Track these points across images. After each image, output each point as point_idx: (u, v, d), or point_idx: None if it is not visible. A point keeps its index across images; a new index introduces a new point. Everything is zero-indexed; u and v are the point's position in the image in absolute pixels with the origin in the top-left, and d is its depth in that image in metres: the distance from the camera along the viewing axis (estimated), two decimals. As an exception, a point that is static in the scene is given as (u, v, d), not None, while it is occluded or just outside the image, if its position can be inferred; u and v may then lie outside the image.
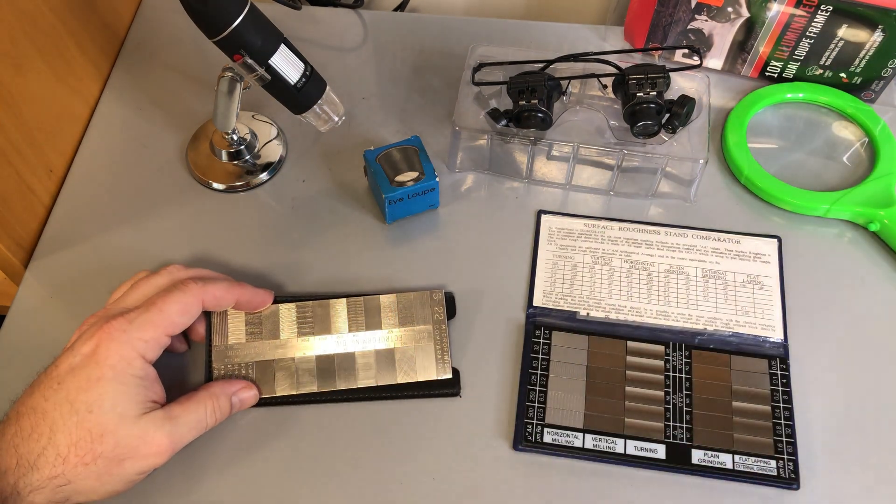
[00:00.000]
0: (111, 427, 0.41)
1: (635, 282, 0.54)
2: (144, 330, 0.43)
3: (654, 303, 0.53)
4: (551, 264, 0.55)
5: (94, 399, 0.41)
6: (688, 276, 0.54)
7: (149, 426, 0.42)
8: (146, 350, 0.43)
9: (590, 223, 0.57)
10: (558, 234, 0.56)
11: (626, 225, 0.57)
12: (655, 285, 0.54)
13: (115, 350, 0.42)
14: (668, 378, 0.50)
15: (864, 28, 0.57)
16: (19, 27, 0.53)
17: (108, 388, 0.41)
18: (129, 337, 0.43)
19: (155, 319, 0.44)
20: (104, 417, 0.41)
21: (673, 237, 0.56)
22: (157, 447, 0.42)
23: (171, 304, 0.45)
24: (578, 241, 0.56)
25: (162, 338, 0.44)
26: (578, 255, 0.55)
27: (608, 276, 0.54)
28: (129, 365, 0.42)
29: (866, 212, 0.56)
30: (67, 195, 0.59)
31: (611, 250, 0.56)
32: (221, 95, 0.54)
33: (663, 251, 0.55)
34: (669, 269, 0.55)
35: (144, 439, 0.42)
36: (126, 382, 0.42)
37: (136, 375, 0.42)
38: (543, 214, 0.57)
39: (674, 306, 0.53)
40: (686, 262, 0.55)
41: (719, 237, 0.56)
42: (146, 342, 0.43)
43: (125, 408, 0.42)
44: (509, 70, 0.58)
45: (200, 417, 0.45)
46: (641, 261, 0.55)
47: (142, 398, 0.42)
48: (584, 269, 0.55)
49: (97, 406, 0.41)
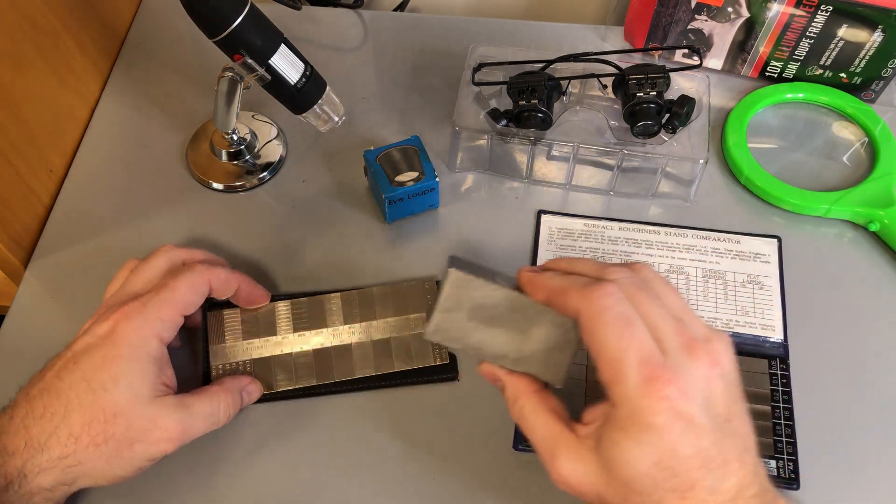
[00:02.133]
0: (125, 407, 0.41)
1: None
2: (161, 309, 0.43)
3: None
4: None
5: (110, 377, 0.41)
6: (688, 276, 0.54)
7: (161, 410, 0.42)
8: (162, 329, 0.43)
9: (590, 223, 0.57)
10: (558, 234, 0.56)
11: (626, 225, 0.57)
12: None
13: (132, 329, 0.42)
14: None
15: (864, 28, 0.57)
16: (19, 27, 0.54)
17: (125, 367, 0.41)
18: (147, 316, 0.43)
19: (169, 298, 0.44)
20: (119, 396, 0.41)
21: (673, 237, 0.56)
22: (168, 432, 0.42)
23: (182, 283, 0.45)
24: (578, 241, 0.56)
25: (177, 317, 0.44)
26: (578, 255, 0.55)
27: None
28: (145, 343, 0.42)
29: (866, 212, 0.56)
30: (67, 195, 0.59)
31: (611, 250, 0.55)
32: (221, 95, 0.54)
33: (663, 251, 0.55)
34: (669, 269, 0.55)
35: (156, 423, 0.41)
36: (142, 361, 0.42)
37: (151, 355, 0.42)
38: (543, 214, 0.57)
39: None
40: (686, 262, 0.55)
41: (719, 237, 0.56)
42: (163, 321, 0.43)
43: (139, 388, 0.41)
44: (509, 70, 0.58)
45: (213, 410, 0.45)
46: (641, 261, 0.55)
47: (155, 380, 0.42)
48: None
49: (112, 384, 0.41)
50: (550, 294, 0.40)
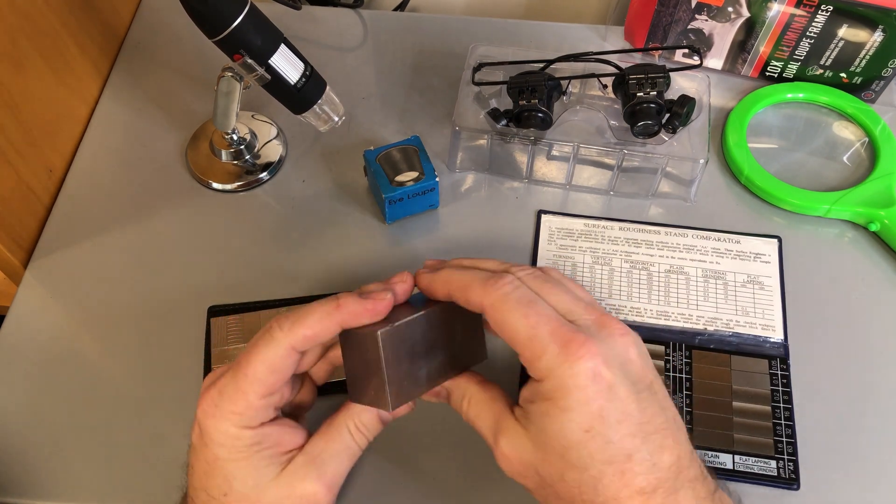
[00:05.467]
0: (253, 500, 0.37)
1: (635, 282, 0.54)
2: (235, 402, 0.37)
3: (654, 303, 0.53)
4: (551, 264, 0.55)
5: (222, 482, 0.37)
6: (688, 276, 0.54)
7: (292, 479, 0.38)
8: (246, 421, 0.37)
9: (590, 223, 0.57)
10: (558, 234, 0.56)
11: (627, 225, 0.57)
12: (656, 285, 0.54)
13: (214, 428, 0.37)
14: (668, 378, 0.50)
15: (864, 28, 0.57)
16: (19, 27, 0.53)
17: (230, 467, 0.37)
18: (222, 412, 0.37)
19: (242, 387, 0.37)
20: (242, 496, 0.37)
21: (673, 237, 0.56)
22: (311, 497, 0.38)
23: (257, 363, 0.37)
24: (579, 240, 0.56)
25: (257, 402, 0.37)
26: (578, 254, 0.55)
27: (608, 276, 0.54)
28: (236, 440, 0.37)
29: (867, 212, 0.56)
30: (67, 195, 0.59)
31: (611, 250, 0.55)
32: (221, 95, 0.54)
33: (663, 251, 0.55)
34: (670, 268, 0.55)
35: (294, 495, 0.37)
36: (242, 456, 0.37)
37: (248, 445, 0.37)
38: (544, 214, 0.57)
39: (674, 306, 0.53)
40: (686, 262, 0.55)
41: (719, 237, 0.56)
42: (241, 415, 0.37)
43: (257, 478, 0.37)
44: (509, 70, 0.58)
45: (346, 444, 0.40)
46: (641, 261, 0.55)
47: (270, 460, 0.38)
48: (584, 269, 0.55)
49: (228, 487, 0.37)
50: (452, 290, 0.38)
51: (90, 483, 0.47)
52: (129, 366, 0.51)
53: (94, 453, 0.48)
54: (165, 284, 0.54)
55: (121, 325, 0.53)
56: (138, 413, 0.49)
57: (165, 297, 0.54)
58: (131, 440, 0.48)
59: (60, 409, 0.50)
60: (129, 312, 0.53)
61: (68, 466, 0.48)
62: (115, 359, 0.52)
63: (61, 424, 0.49)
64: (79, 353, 0.52)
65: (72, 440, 0.49)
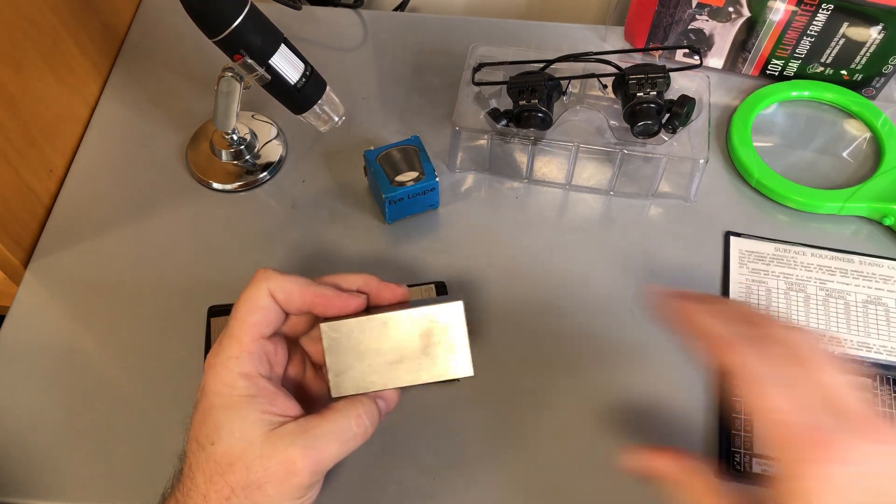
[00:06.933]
0: (237, 453, 0.38)
1: (832, 311, 0.53)
2: (230, 347, 0.40)
3: (853, 333, 0.52)
4: (744, 289, 0.54)
5: (212, 430, 0.38)
6: (887, 308, 0.52)
7: (279, 441, 0.38)
8: (242, 366, 0.39)
9: (780, 247, 0.55)
10: (749, 258, 0.55)
11: (819, 251, 0.55)
12: (854, 315, 0.52)
13: (213, 376, 0.39)
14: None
15: (865, 26, 0.57)
16: (19, 27, 0.53)
17: (221, 416, 0.39)
18: (221, 359, 0.39)
19: (234, 332, 0.40)
20: (228, 446, 0.38)
21: (868, 266, 0.54)
22: (293, 463, 0.38)
23: (240, 304, 0.40)
24: (770, 265, 0.55)
25: (252, 346, 0.40)
26: (772, 280, 0.54)
27: (804, 304, 0.53)
28: (231, 388, 0.39)
29: (881, 207, 0.56)
30: (67, 195, 0.59)
31: (804, 276, 0.54)
32: (221, 95, 0.54)
33: (859, 280, 0.54)
34: (867, 299, 0.53)
35: (276, 458, 0.38)
36: (235, 405, 0.39)
37: (244, 395, 0.39)
38: (733, 237, 0.56)
39: (874, 338, 0.51)
40: (884, 294, 0.53)
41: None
42: (237, 359, 0.39)
43: (244, 430, 0.38)
44: (509, 70, 0.58)
45: (343, 426, 0.40)
46: (837, 289, 0.53)
47: (261, 416, 0.39)
48: (779, 295, 0.53)
49: (216, 436, 0.38)
50: (711, 340, 0.38)
51: (90, 483, 0.47)
52: (129, 366, 0.51)
53: (94, 453, 0.48)
54: (165, 284, 0.54)
55: (121, 325, 0.53)
56: (138, 413, 0.49)
57: (165, 297, 0.54)
58: (131, 440, 0.48)
59: (60, 409, 0.50)
60: (129, 312, 0.53)
61: (68, 466, 0.48)
62: (114, 359, 0.52)
63: (61, 424, 0.49)
64: (79, 353, 0.52)
65: (72, 440, 0.49)
